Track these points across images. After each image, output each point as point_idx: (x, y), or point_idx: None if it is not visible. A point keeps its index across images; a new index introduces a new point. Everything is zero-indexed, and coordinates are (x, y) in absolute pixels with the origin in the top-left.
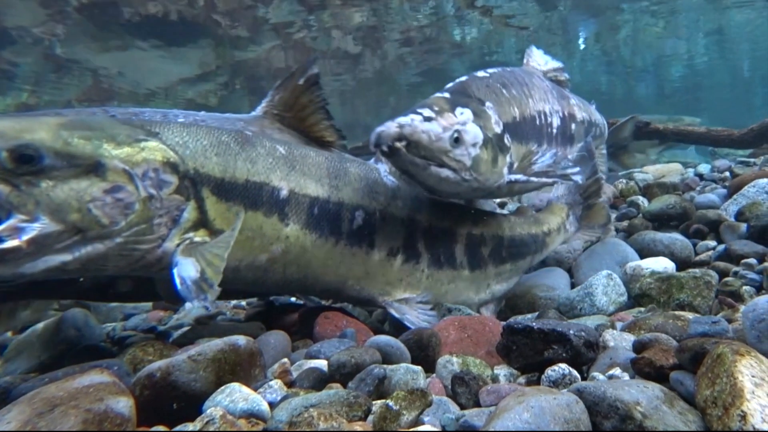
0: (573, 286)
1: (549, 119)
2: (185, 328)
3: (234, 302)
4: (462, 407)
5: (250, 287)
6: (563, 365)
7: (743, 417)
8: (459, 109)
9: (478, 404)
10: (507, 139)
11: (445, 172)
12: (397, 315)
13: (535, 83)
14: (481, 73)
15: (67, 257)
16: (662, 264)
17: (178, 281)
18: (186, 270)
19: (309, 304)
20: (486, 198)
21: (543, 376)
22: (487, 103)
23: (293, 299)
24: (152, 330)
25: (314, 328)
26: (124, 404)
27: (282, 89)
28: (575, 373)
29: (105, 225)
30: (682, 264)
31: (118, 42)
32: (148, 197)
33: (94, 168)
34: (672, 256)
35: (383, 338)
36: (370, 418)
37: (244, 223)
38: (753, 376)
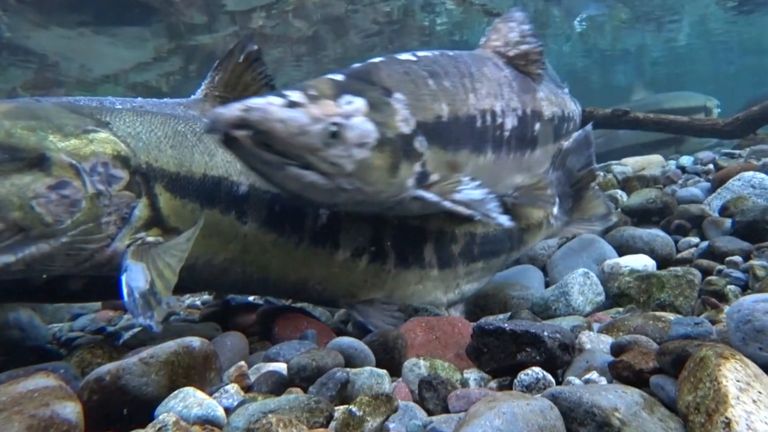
0: (547, 285)
1: (500, 120)
2: (136, 329)
3: (188, 301)
4: (429, 413)
5: (208, 286)
6: (537, 369)
7: (727, 424)
8: (347, 97)
9: (446, 410)
10: (420, 143)
11: (312, 177)
12: (360, 319)
13: (486, 73)
14: (405, 56)
15: (9, 258)
16: (642, 262)
17: (125, 292)
18: (135, 279)
19: (266, 305)
20: (385, 212)
21: (515, 381)
22: (397, 95)
23: (251, 298)
24: (101, 331)
25: (273, 329)
26: (71, 410)
27: (221, 69)
28: (549, 377)
29: (49, 224)
30: (662, 262)
31: (63, 24)
32: (96, 194)
33: (39, 162)
34: (652, 254)
35: (346, 340)
36: (332, 424)
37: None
38: (738, 381)
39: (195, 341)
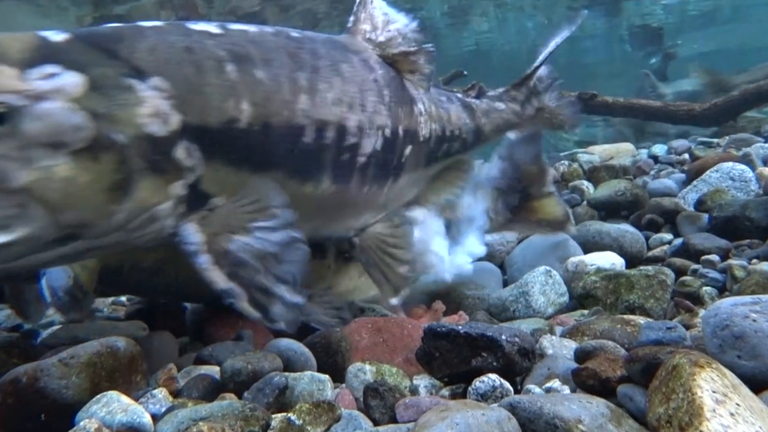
0: (506, 284)
1: (353, 139)
2: (56, 327)
3: (112, 298)
4: (375, 423)
5: (140, 292)
6: (493, 376)
7: None
8: (47, 68)
9: (394, 419)
10: (187, 153)
11: None
12: (301, 317)
13: (344, 71)
14: (203, 26)
15: None
16: (609, 260)
17: (47, 293)
18: (56, 279)
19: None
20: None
21: (470, 388)
22: (155, 80)
23: None
24: (17, 328)
25: (205, 328)
26: None
27: None
28: (507, 385)
29: None
30: (632, 260)
31: None
32: None
33: None
34: (621, 251)
35: (285, 341)
36: None
37: None
38: (714, 392)
39: (119, 341)
